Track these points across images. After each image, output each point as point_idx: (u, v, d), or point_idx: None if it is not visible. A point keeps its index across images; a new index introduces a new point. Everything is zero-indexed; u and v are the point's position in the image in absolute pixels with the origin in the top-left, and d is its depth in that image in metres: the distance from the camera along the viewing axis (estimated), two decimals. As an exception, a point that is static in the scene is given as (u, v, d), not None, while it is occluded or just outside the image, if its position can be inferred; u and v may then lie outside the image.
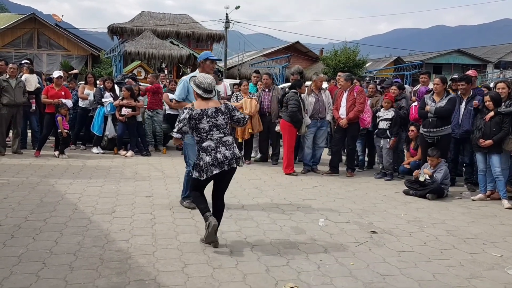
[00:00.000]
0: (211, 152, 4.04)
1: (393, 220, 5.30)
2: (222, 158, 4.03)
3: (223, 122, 4.16)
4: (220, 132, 4.12)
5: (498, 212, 5.82)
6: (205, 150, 4.05)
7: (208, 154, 4.04)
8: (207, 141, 4.08)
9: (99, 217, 4.91)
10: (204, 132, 4.09)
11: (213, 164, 4.02)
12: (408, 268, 3.87)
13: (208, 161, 4.02)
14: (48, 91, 8.67)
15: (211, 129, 4.10)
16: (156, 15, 32.04)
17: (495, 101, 6.21)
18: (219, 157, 4.03)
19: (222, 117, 4.16)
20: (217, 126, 4.12)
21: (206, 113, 4.11)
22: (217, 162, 4.02)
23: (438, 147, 6.64)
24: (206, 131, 4.09)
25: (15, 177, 6.70)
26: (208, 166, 4.01)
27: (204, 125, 4.09)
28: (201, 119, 4.08)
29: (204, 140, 4.09)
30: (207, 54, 5.40)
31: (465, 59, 41.97)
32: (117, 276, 3.47)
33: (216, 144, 4.07)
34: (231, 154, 4.10)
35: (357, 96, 7.69)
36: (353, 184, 7.20)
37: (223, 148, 4.08)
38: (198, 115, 4.09)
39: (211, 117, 4.11)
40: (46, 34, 26.56)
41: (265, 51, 36.85)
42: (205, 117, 4.10)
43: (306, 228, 4.83)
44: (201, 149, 4.08)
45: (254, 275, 3.59)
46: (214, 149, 4.05)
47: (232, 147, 4.15)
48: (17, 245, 4.02)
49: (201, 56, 5.40)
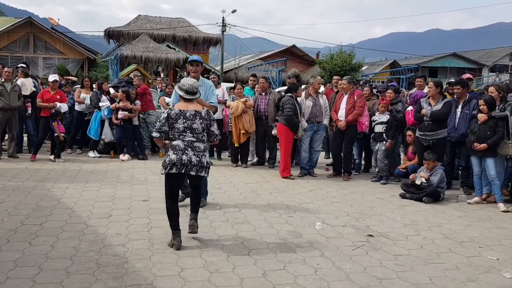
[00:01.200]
0: (178, 152, 4.13)
1: (390, 223, 5.31)
2: (186, 161, 4.11)
3: (199, 126, 4.22)
4: (193, 136, 4.21)
5: (494, 215, 5.84)
6: (173, 148, 4.16)
7: (174, 153, 4.13)
8: (177, 141, 4.19)
9: (96, 222, 4.90)
10: (177, 132, 4.19)
11: (175, 164, 4.10)
12: (405, 271, 3.88)
13: (173, 158, 4.11)
14: (43, 95, 8.64)
15: (185, 131, 4.18)
16: (153, 18, 32.06)
17: (489, 105, 6.25)
18: (184, 158, 4.11)
19: (200, 121, 4.23)
20: (191, 129, 4.20)
21: (184, 115, 4.20)
22: (180, 163, 4.10)
23: (434, 150, 6.66)
24: (179, 131, 4.18)
25: (11, 181, 6.67)
26: (171, 163, 4.10)
27: (179, 126, 4.18)
28: (178, 119, 4.19)
29: (175, 139, 4.20)
30: (189, 59, 5.46)
31: (460, 63, 42.22)
32: (113, 280, 3.46)
33: (185, 146, 4.16)
34: (197, 161, 4.17)
35: (357, 100, 7.72)
36: (350, 188, 7.21)
37: (191, 152, 4.16)
38: (176, 115, 4.20)
39: (188, 119, 4.20)
40: (42, 38, 26.51)
41: (262, 54, 36.94)
42: (182, 118, 4.19)
43: (303, 232, 4.83)
44: (171, 146, 4.20)
45: (251, 279, 3.58)
46: (182, 149, 4.14)
47: (200, 155, 4.21)
48: (13, 250, 4.00)
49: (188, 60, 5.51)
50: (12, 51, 25.92)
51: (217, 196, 6.23)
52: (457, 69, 40.05)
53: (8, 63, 22.29)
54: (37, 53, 26.48)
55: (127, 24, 31.13)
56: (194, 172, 4.16)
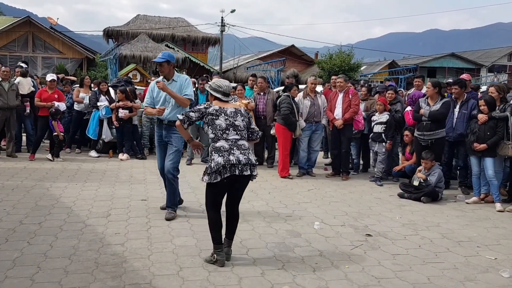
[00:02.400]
0: (223, 153, 3.72)
1: (388, 223, 5.32)
2: (235, 161, 3.70)
3: (241, 123, 3.88)
4: (236, 134, 3.83)
5: (492, 215, 5.86)
6: (218, 151, 3.74)
7: (220, 155, 3.71)
8: (221, 141, 3.78)
9: (94, 221, 4.90)
10: (219, 130, 3.79)
11: (225, 167, 3.69)
12: (403, 271, 3.89)
13: (220, 162, 3.68)
14: (41, 94, 8.64)
15: (228, 128, 3.80)
16: (152, 18, 32.05)
17: (489, 105, 6.26)
18: (232, 159, 3.70)
19: (241, 119, 3.89)
20: (234, 126, 3.83)
21: (224, 112, 3.85)
22: (230, 165, 3.69)
23: (432, 150, 6.67)
24: (222, 129, 3.79)
25: (9, 180, 6.67)
26: (221, 167, 3.68)
27: (221, 122, 3.81)
28: (219, 115, 3.82)
29: (218, 139, 3.79)
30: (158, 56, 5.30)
31: (459, 63, 42.29)
32: (112, 280, 3.46)
33: (230, 146, 3.76)
34: (246, 159, 3.76)
35: (352, 98, 7.75)
36: (348, 187, 7.22)
37: (238, 151, 3.75)
38: (216, 111, 3.83)
39: (230, 116, 3.85)
40: (41, 37, 26.46)
41: (261, 54, 36.91)
42: (223, 115, 3.83)
43: (302, 231, 4.84)
44: (214, 149, 3.78)
45: (249, 279, 3.59)
46: (228, 150, 3.74)
47: (247, 153, 3.81)
48: (11, 249, 4.00)
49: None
50: (11, 50, 25.87)
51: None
52: (456, 69, 40.13)
53: (7, 62, 22.25)
54: (36, 52, 26.43)
55: (126, 23, 31.12)
56: (248, 171, 3.76)
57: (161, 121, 5.23)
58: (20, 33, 25.94)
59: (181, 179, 5.70)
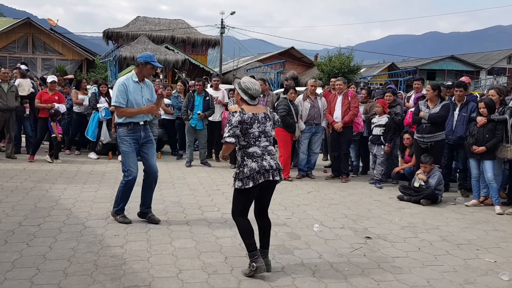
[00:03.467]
0: (257, 159, 3.73)
1: (388, 225, 5.32)
2: (268, 166, 3.72)
3: (270, 129, 3.88)
4: (267, 140, 3.84)
5: (492, 218, 5.86)
6: (251, 156, 3.73)
7: (254, 161, 3.72)
8: (253, 147, 3.77)
9: (94, 223, 4.89)
10: (253, 138, 3.77)
11: (259, 172, 3.69)
12: (403, 273, 3.89)
13: (255, 167, 3.68)
14: (41, 96, 8.64)
15: (260, 136, 3.79)
16: (152, 20, 32.10)
17: (489, 107, 6.27)
18: (265, 164, 3.72)
19: (270, 123, 3.88)
20: (265, 133, 3.83)
21: (257, 118, 3.79)
22: (263, 170, 3.71)
23: (431, 153, 6.67)
24: (255, 137, 3.77)
25: (9, 182, 6.66)
26: (255, 173, 3.68)
27: (254, 130, 3.76)
28: (253, 123, 3.76)
29: (251, 145, 3.77)
30: (150, 57, 4.92)
31: (458, 66, 42.31)
32: (111, 282, 3.46)
33: (262, 152, 3.78)
34: (276, 164, 3.81)
35: (351, 100, 7.76)
36: (348, 190, 7.22)
37: (269, 156, 3.79)
38: (250, 119, 3.75)
39: (261, 123, 3.81)
40: (41, 39, 26.51)
41: (260, 56, 36.96)
42: (256, 122, 3.78)
43: (301, 234, 4.84)
44: (246, 154, 3.75)
45: (249, 281, 3.59)
46: (260, 156, 3.75)
47: (276, 158, 3.89)
48: (10, 250, 3.99)
49: (142, 57, 4.94)
50: (11, 51, 25.91)
51: (215, 198, 6.23)
52: (455, 71, 40.16)
53: (7, 63, 22.29)
54: (36, 54, 26.47)
55: (126, 25, 31.17)
56: (278, 176, 3.79)
57: (137, 123, 4.87)
58: (20, 34, 25.99)
59: (180, 181, 5.73)
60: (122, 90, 4.77)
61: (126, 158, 4.91)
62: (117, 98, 4.76)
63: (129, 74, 4.97)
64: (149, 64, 4.87)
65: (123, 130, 4.88)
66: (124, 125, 4.86)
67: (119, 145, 4.96)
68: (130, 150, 4.89)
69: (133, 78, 4.89)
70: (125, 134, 4.87)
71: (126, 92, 4.79)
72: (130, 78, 4.88)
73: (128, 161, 4.89)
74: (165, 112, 9.98)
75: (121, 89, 4.77)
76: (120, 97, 4.76)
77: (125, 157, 4.91)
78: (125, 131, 4.87)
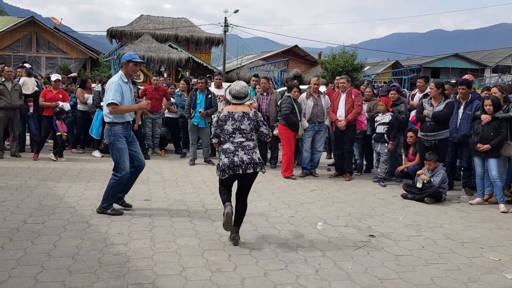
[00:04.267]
0: (229, 155, 4.22)
1: (391, 224, 5.31)
2: (238, 162, 4.18)
3: (247, 127, 4.29)
4: (242, 136, 4.27)
5: (496, 216, 5.84)
6: (224, 152, 4.26)
7: (226, 156, 4.23)
8: (227, 144, 4.27)
9: (98, 221, 4.91)
10: (227, 134, 4.28)
11: (229, 167, 4.20)
12: (406, 272, 3.88)
13: (226, 163, 4.21)
14: (46, 94, 8.68)
15: (234, 132, 4.27)
16: (155, 18, 32.10)
17: (495, 105, 6.24)
18: (236, 160, 4.19)
19: (248, 122, 4.30)
20: (240, 130, 4.27)
21: (232, 116, 4.29)
22: (233, 165, 4.19)
23: (435, 151, 6.66)
24: (229, 133, 4.27)
25: (13, 180, 6.69)
26: (226, 167, 4.21)
27: (228, 127, 4.28)
28: (227, 121, 4.28)
29: (225, 141, 4.29)
30: (130, 56, 5.26)
31: (463, 64, 42.14)
32: (115, 279, 3.47)
33: (235, 148, 4.23)
34: (249, 159, 4.21)
35: (355, 99, 7.74)
36: (352, 188, 7.21)
37: (242, 152, 4.22)
38: (224, 117, 4.30)
39: (237, 120, 4.27)
40: (45, 37, 26.56)
41: (264, 54, 36.92)
42: (231, 120, 4.28)
43: (305, 232, 4.84)
44: (222, 150, 4.31)
45: (252, 279, 3.59)
46: (233, 152, 4.22)
47: (251, 152, 4.25)
48: (15, 248, 4.01)
49: (124, 57, 5.26)
50: (15, 50, 25.98)
51: (219, 196, 6.22)
52: (460, 69, 39.97)
53: (11, 62, 22.36)
54: (40, 52, 26.54)
55: (129, 24, 31.18)
56: (251, 169, 4.21)
57: (128, 122, 5.20)
58: (24, 33, 26.05)
59: (184, 179, 5.75)
60: (118, 89, 4.99)
61: (121, 155, 5.10)
62: (114, 96, 4.95)
63: (118, 75, 5.19)
64: (131, 61, 5.14)
65: (119, 128, 5.10)
66: (119, 123, 5.09)
67: (114, 142, 5.08)
68: (124, 147, 5.12)
69: (123, 78, 5.13)
70: (121, 132, 5.10)
71: (121, 91, 5.02)
72: (121, 79, 5.11)
73: (123, 157, 5.11)
74: (169, 110, 9.99)
75: (117, 88, 4.99)
76: (117, 95, 4.97)
77: (120, 154, 5.11)
78: (121, 129, 5.10)
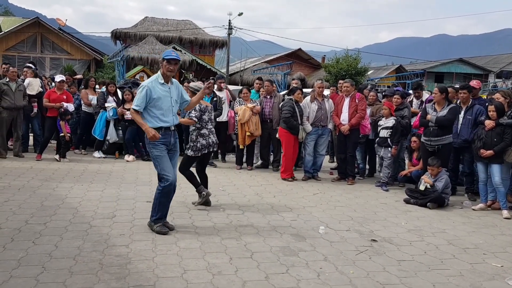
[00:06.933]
0: (206, 138, 5.64)
1: (394, 228, 5.29)
2: (211, 142, 5.69)
3: (212, 117, 5.83)
4: (211, 124, 5.76)
5: (499, 222, 5.81)
6: (202, 136, 5.63)
7: (204, 139, 5.62)
8: (204, 129, 5.64)
9: (100, 222, 4.91)
10: (204, 122, 5.64)
11: (206, 146, 5.64)
12: (408, 277, 3.86)
13: (204, 143, 5.62)
14: (50, 95, 8.69)
15: (208, 121, 5.70)
16: (160, 20, 32.20)
17: (499, 111, 6.21)
18: (210, 141, 5.68)
19: (212, 113, 5.84)
20: (210, 119, 5.76)
21: (207, 109, 5.72)
22: (208, 145, 5.66)
23: (438, 156, 6.63)
24: (206, 121, 5.66)
25: (16, 180, 6.70)
26: (203, 147, 5.62)
27: (205, 117, 5.65)
28: (206, 112, 5.66)
29: (203, 128, 5.63)
30: (165, 54, 4.72)
31: (467, 69, 42.04)
32: (116, 281, 3.46)
33: (209, 132, 5.68)
34: (216, 140, 5.83)
35: (359, 103, 7.73)
36: (354, 192, 7.19)
37: (212, 135, 5.74)
38: (205, 108, 5.67)
39: (209, 112, 5.75)
40: (49, 38, 26.66)
41: (267, 57, 36.96)
42: (207, 111, 5.69)
43: (306, 236, 4.82)
44: (199, 134, 5.61)
45: (253, 282, 3.58)
46: (208, 135, 5.66)
47: (214, 135, 5.82)
48: (17, 248, 4.02)
49: (162, 55, 4.77)
50: (20, 51, 26.08)
51: (221, 198, 6.23)
52: (464, 74, 39.90)
53: (16, 63, 22.45)
54: (44, 53, 26.64)
55: (134, 25, 31.30)
56: (215, 147, 5.93)
57: (168, 128, 4.68)
58: (29, 33, 26.16)
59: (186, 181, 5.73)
60: (144, 94, 4.55)
61: (160, 163, 4.65)
62: (137, 102, 4.58)
63: (155, 76, 4.75)
64: (164, 60, 4.66)
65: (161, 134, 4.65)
66: (156, 129, 4.60)
67: (150, 150, 4.68)
68: (163, 155, 4.65)
69: (159, 80, 4.66)
70: (160, 139, 4.62)
71: (150, 96, 4.56)
72: (156, 80, 4.66)
73: (163, 165, 4.65)
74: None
75: (143, 93, 4.55)
76: (141, 101, 4.55)
77: (159, 162, 4.65)
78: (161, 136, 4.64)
